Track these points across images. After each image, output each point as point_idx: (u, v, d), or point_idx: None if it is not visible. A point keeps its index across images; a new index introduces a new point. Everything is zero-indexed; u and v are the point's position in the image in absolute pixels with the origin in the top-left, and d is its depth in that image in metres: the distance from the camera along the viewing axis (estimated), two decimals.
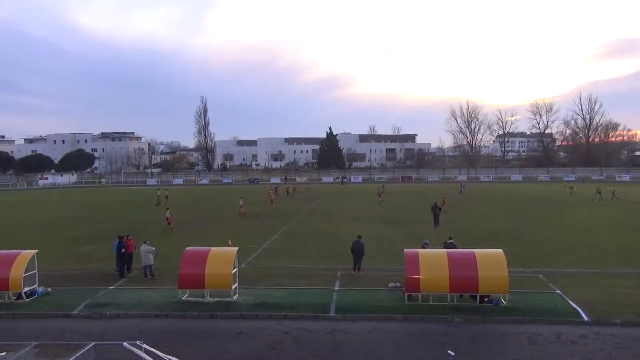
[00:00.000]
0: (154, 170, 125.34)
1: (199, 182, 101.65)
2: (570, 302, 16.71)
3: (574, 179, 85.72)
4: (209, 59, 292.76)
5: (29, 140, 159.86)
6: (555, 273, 20.59)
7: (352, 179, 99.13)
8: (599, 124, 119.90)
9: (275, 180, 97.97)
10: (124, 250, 21.54)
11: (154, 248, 21.15)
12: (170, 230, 33.23)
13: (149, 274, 20.76)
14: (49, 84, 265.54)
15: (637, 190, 61.25)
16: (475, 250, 17.52)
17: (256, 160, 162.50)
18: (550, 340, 13.89)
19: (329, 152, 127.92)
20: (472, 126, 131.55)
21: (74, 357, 9.43)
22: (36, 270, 19.19)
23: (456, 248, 19.62)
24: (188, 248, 18.97)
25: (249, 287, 18.90)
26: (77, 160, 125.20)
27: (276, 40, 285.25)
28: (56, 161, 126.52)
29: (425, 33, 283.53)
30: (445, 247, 19.85)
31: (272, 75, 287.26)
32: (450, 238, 21.05)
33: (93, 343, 10.24)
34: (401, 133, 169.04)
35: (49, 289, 19.09)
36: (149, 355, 10.12)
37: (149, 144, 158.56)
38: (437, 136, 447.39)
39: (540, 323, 15.16)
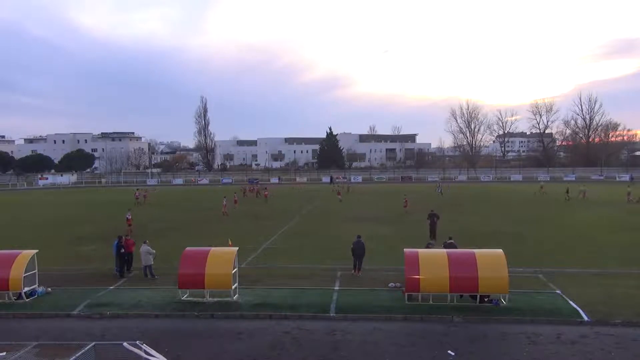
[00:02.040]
0: (154, 170, 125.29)
1: (199, 182, 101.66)
2: (570, 302, 16.71)
3: (569, 179, 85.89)
4: (209, 59, 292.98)
5: (29, 140, 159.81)
6: (555, 273, 20.59)
7: (352, 179, 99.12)
8: (599, 124, 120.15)
9: (275, 180, 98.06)
10: (123, 250, 21.55)
11: (154, 251, 21.15)
12: (130, 232, 31.63)
13: (149, 274, 20.76)
14: (49, 84, 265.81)
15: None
16: (475, 250, 17.53)
17: (256, 160, 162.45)
18: (550, 340, 13.89)
19: (329, 152, 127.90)
20: (472, 126, 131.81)
21: (74, 357, 9.41)
22: (36, 270, 19.19)
23: (456, 248, 19.61)
24: (188, 248, 18.97)
25: (249, 287, 18.91)
26: (77, 160, 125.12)
27: (276, 40, 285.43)
28: (56, 161, 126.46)
29: (425, 33, 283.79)
30: (445, 247, 19.85)
31: (272, 75, 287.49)
32: (450, 238, 21.04)
33: (93, 343, 10.22)
34: (401, 133, 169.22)
35: (49, 289, 19.10)
36: (148, 356, 10.11)
37: (149, 144, 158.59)
38: (437, 136, 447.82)
39: (540, 323, 15.16)
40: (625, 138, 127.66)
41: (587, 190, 54.10)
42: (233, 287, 17.73)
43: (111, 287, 19.68)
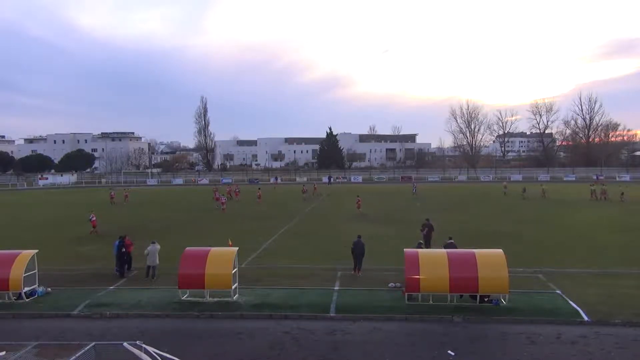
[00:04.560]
0: (154, 170, 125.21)
1: (199, 182, 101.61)
2: (570, 302, 16.72)
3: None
4: (209, 59, 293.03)
5: (29, 140, 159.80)
6: (555, 273, 20.60)
7: (352, 179, 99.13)
8: (599, 124, 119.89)
9: (274, 180, 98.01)
10: (124, 250, 21.55)
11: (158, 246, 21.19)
12: (95, 234, 32.35)
13: (151, 275, 20.72)
14: (49, 84, 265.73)
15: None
16: (475, 250, 17.53)
17: (256, 160, 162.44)
18: (550, 340, 13.90)
19: (329, 152, 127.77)
20: (472, 126, 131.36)
21: (74, 357, 9.42)
22: (36, 270, 19.21)
23: (456, 248, 19.60)
24: (188, 248, 18.98)
25: (249, 287, 18.91)
26: (77, 160, 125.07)
27: (276, 40, 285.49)
28: (56, 161, 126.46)
29: (425, 33, 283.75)
30: (445, 247, 19.84)
31: (272, 75, 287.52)
32: (450, 238, 21.03)
33: (93, 343, 10.22)
34: (401, 133, 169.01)
35: (49, 289, 19.11)
36: (149, 356, 10.11)
37: (149, 144, 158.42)
38: (437, 136, 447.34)
39: (540, 323, 15.16)
40: (625, 138, 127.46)
41: (547, 189, 56.22)
42: (233, 287, 17.74)
43: (111, 287, 19.68)
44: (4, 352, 9.87)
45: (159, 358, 10.33)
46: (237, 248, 18.85)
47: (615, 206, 45.23)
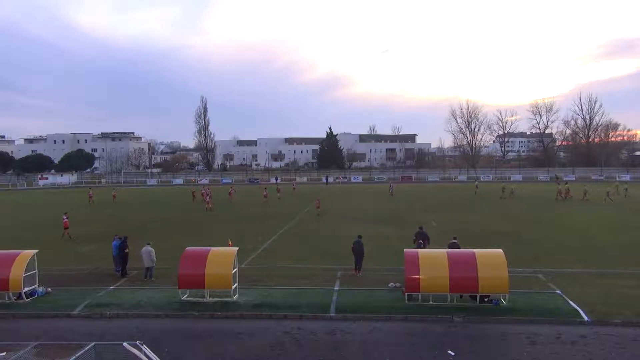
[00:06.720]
0: (154, 170, 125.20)
1: (199, 182, 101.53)
2: (570, 302, 16.71)
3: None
4: (208, 59, 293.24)
5: (29, 140, 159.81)
6: (555, 273, 20.59)
7: (352, 179, 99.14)
8: (599, 124, 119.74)
9: (273, 180, 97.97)
10: (127, 250, 21.52)
11: (153, 253, 21.08)
12: (68, 236, 31.60)
13: (148, 276, 20.71)
14: (49, 84, 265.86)
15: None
16: (475, 250, 17.52)
17: (256, 160, 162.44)
18: (550, 340, 13.89)
19: (329, 152, 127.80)
20: (472, 126, 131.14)
21: (74, 357, 9.41)
22: (36, 270, 19.21)
23: (459, 248, 19.57)
24: (188, 248, 18.97)
25: (249, 287, 18.91)
26: (77, 160, 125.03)
27: (276, 40, 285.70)
28: (56, 161, 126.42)
29: (425, 33, 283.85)
30: (449, 247, 19.82)
31: (272, 75, 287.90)
32: (454, 238, 20.97)
33: (93, 343, 10.21)
34: (401, 133, 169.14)
35: (49, 289, 19.11)
36: (148, 358, 10.10)
37: (149, 144, 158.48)
38: (437, 136, 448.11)
39: (540, 323, 15.16)
40: (625, 138, 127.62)
41: (517, 189, 58.96)
42: (233, 287, 17.73)
43: (111, 287, 19.68)
44: (4, 353, 9.87)
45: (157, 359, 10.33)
46: (237, 248, 18.84)
47: (614, 206, 45.24)
